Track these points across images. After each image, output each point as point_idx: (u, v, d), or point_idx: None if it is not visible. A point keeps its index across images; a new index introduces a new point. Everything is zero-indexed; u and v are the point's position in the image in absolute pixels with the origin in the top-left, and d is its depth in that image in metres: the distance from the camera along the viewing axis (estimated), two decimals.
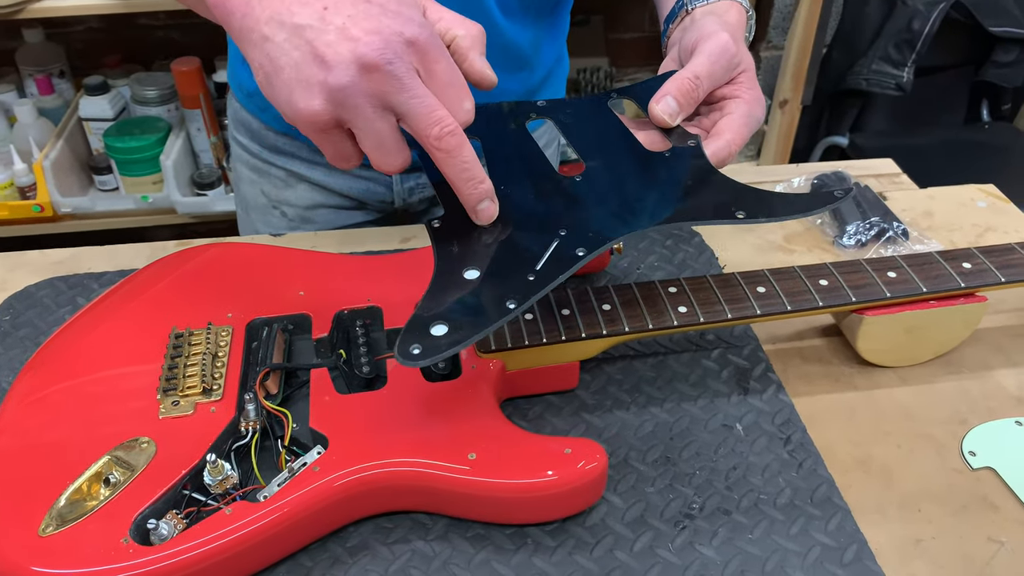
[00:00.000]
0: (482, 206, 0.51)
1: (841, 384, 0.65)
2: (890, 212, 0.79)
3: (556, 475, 0.51)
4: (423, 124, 0.46)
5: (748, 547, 0.53)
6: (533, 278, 0.48)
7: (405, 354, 0.44)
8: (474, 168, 0.49)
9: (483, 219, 0.51)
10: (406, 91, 0.45)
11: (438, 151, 0.47)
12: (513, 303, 0.47)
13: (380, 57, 0.44)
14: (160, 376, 0.56)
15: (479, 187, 0.49)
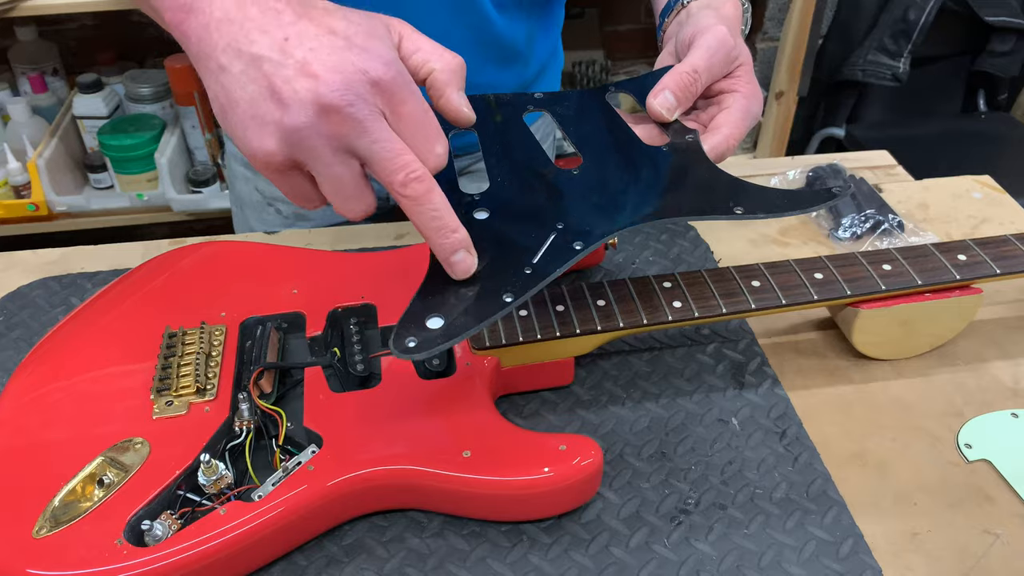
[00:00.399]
0: (456, 258, 0.46)
1: (837, 378, 0.64)
2: (886, 204, 0.79)
3: (551, 472, 0.51)
4: (386, 170, 0.44)
5: (744, 542, 0.53)
6: (530, 271, 0.48)
7: (400, 347, 0.44)
8: (445, 216, 0.45)
9: (459, 272, 0.47)
10: (367, 135, 0.43)
11: (404, 198, 0.44)
12: (510, 296, 0.47)
13: (340, 99, 0.42)
14: (154, 376, 0.56)
15: (451, 236, 0.46)
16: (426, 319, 0.45)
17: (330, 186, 0.45)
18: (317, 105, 0.42)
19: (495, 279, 0.48)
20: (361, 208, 0.46)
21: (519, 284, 0.47)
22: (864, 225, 0.76)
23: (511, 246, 0.50)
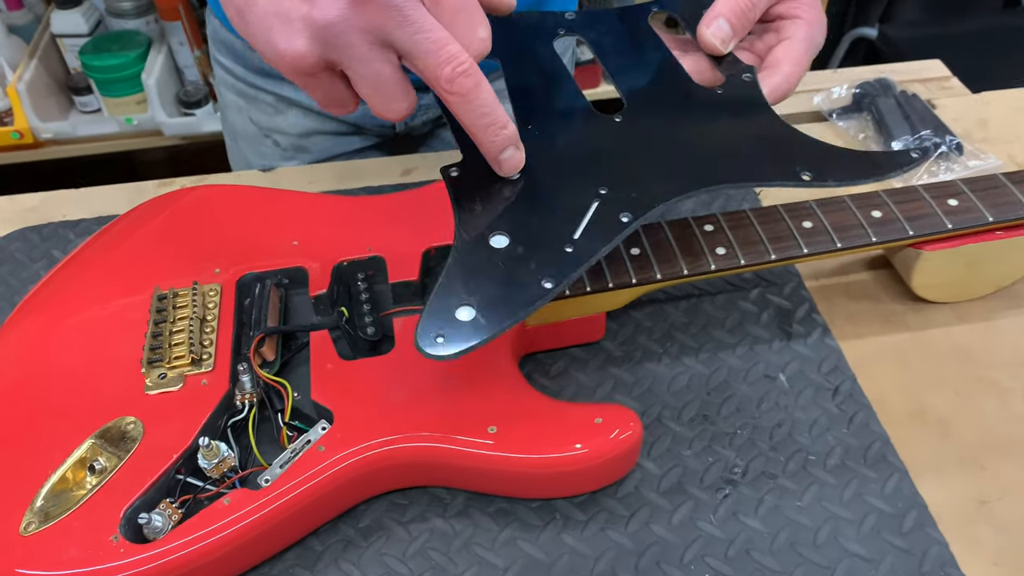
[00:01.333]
0: (506, 155, 0.43)
1: (892, 324, 0.59)
2: (942, 124, 0.71)
3: (586, 448, 0.46)
4: (431, 64, 0.39)
5: (797, 516, 0.48)
6: (571, 249, 0.42)
7: (428, 343, 0.39)
8: (495, 111, 0.41)
9: (507, 170, 0.44)
10: (408, 24, 0.38)
11: (451, 95, 0.40)
12: (550, 281, 0.41)
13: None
14: (144, 346, 0.51)
15: (501, 133, 0.42)
16: (455, 309, 0.40)
17: (368, 86, 0.41)
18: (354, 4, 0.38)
19: (530, 258, 0.42)
20: (404, 107, 0.42)
21: (558, 266, 0.41)
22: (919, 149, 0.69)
23: (547, 216, 0.43)
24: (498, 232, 0.42)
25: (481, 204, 0.44)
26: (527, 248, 0.42)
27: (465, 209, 0.43)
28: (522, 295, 0.40)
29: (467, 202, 0.44)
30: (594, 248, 0.42)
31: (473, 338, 0.39)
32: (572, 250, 0.42)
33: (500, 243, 0.42)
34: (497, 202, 0.44)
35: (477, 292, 0.40)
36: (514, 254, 0.41)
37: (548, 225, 0.42)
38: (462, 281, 0.40)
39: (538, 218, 0.43)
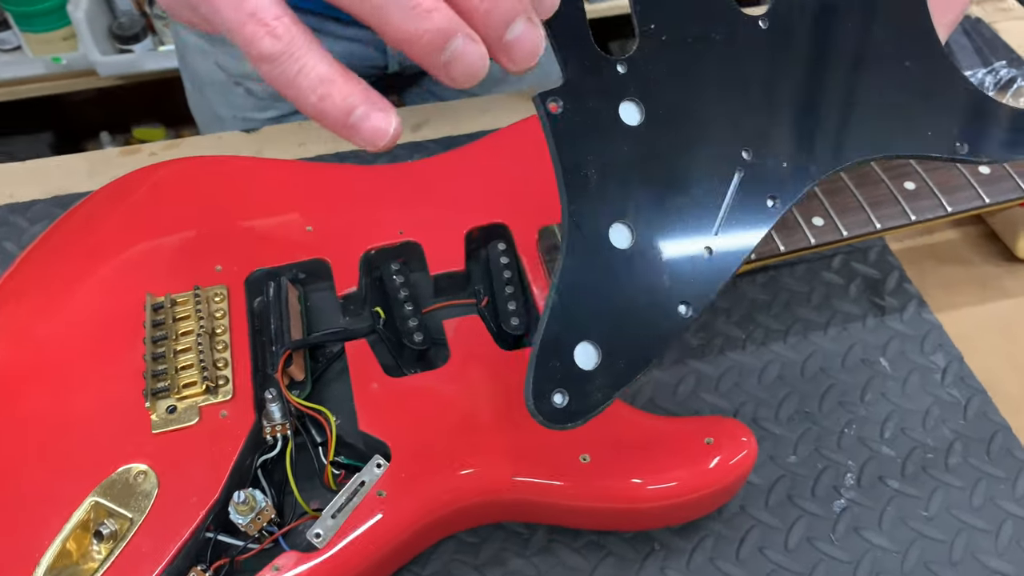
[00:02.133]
0: (514, 32, 0.27)
1: (990, 290, 0.53)
2: (1016, 54, 0.64)
3: (698, 477, 0.39)
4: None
5: (926, 528, 0.42)
6: (710, 252, 0.31)
7: (545, 410, 0.29)
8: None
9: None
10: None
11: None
12: (686, 307, 0.31)
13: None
14: (144, 372, 0.42)
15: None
16: (573, 349, 0.30)
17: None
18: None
19: (662, 268, 0.31)
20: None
21: (698, 282, 0.31)
22: (994, 84, 0.62)
23: (677, 193, 0.31)
24: (620, 221, 0.30)
25: (597, 169, 0.30)
26: (655, 248, 0.31)
27: (575, 176, 0.30)
28: (655, 327, 0.30)
29: (577, 162, 0.30)
30: (738, 248, 0.32)
31: (600, 395, 0.30)
32: (712, 254, 0.31)
33: (622, 240, 0.30)
34: (615, 164, 0.30)
35: (597, 324, 0.30)
36: (641, 259, 0.30)
37: (680, 209, 0.31)
38: (577, 301, 0.30)
39: (667, 197, 0.31)
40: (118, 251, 0.47)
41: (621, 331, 0.30)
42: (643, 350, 0.30)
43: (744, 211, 0.32)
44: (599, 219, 0.30)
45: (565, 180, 0.30)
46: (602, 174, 0.30)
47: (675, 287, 0.31)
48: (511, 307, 0.45)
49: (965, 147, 0.37)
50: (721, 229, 0.32)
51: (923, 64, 0.37)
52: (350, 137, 0.27)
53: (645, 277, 0.31)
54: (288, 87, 0.26)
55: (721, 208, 0.32)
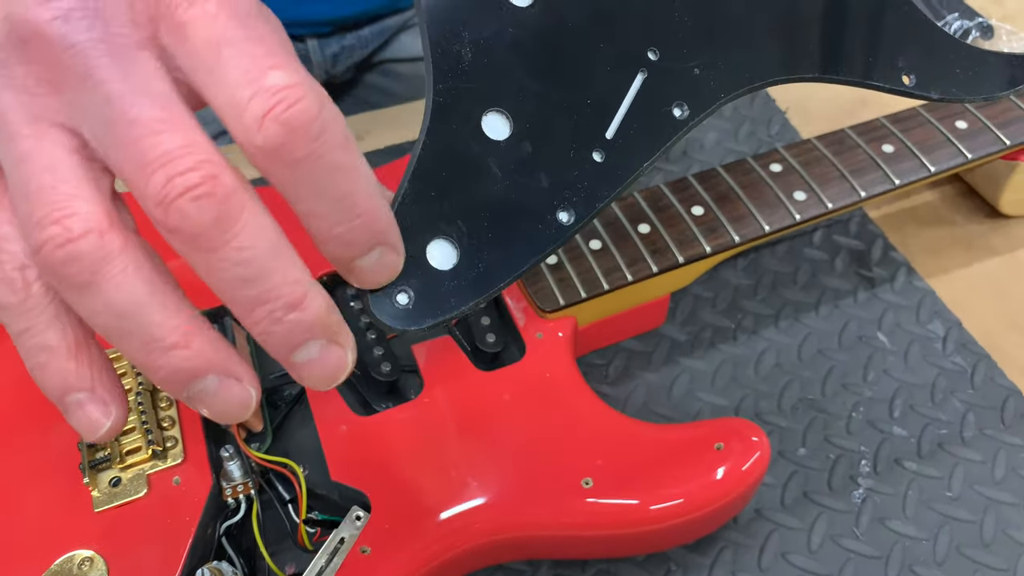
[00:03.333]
0: (300, 356, 0.23)
1: (977, 249, 0.50)
2: (967, 5, 0.62)
3: (714, 487, 0.35)
4: (131, 170, 0.20)
5: (952, 510, 0.40)
6: (601, 157, 0.28)
7: (384, 309, 0.25)
8: (268, 266, 0.22)
9: (315, 381, 0.24)
10: (91, 77, 0.21)
11: (172, 235, 0.21)
12: (568, 212, 0.27)
13: (43, 12, 0.21)
14: (79, 442, 0.37)
15: (286, 320, 0.22)
16: (427, 244, 0.25)
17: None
18: (11, 32, 0.21)
19: (540, 168, 0.27)
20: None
21: (582, 186, 0.27)
22: None
23: (569, 90, 0.28)
24: (495, 109, 0.27)
25: (472, 47, 0.26)
26: (537, 145, 0.27)
27: (445, 51, 0.26)
28: (526, 232, 0.26)
29: (449, 35, 0.26)
30: (634, 158, 0.28)
31: (455, 300, 0.25)
32: (603, 159, 0.28)
33: (498, 130, 0.27)
34: (495, 46, 0.27)
35: (459, 216, 0.26)
36: (517, 155, 0.27)
37: (569, 108, 0.27)
38: (437, 192, 0.26)
39: (555, 91, 0.27)
40: None
41: (486, 232, 0.26)
42: (512, 257, 0.26)
43: (647, 116, 0.28)
44: (471, 104, 0.26)
45: (432, 55, 0.26)
46: (479, 54, 0.27)
47: (555, 190, 0.27)
48: (484, 322, 0.41)
49: (912, 79, 0.34)
50: (618, 133, 0.28)
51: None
52: (66, 418, 0.23)
53: (520, 175, 0.27)
54: (13, 340, 0.23)
55: (619, 112, 0.28)
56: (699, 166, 0.54)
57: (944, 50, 0.35)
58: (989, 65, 0.36)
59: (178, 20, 0.21)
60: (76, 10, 0.21)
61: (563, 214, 0.27)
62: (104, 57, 0.20)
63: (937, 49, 0.35)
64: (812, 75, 0.32)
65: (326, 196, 0.22)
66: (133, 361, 0.22)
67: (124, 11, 0.21)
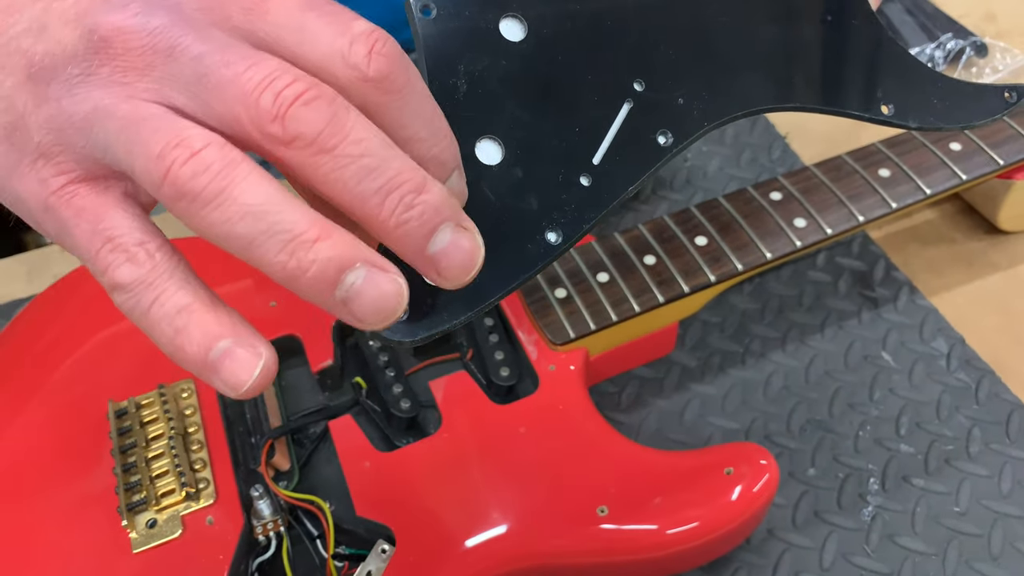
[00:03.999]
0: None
1: (978, 266, 0.51)
2: (960, 25, 0.64)
3: (725, 511, 0.37)
4: (248, 111, 0.21)
5: (960, 524, 0.41)
6: (588, 182, 0.29)
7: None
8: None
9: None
10: (188, 53, 0.22)
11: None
12: (556, 232, 0.28)
13: (122, 13, 0.22)
14: (116, 486, 0.38)
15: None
16: None
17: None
18: (89, 39, 0.22)
19: (531, 191, 0.28)
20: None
21: (570, 208, 0.29)
22: (943, 57, 0.61)
23: (558, 118, 0.29)
24: (488, 137, 0.28)
25: (467, 79, 0.28)
26: (528, 170, 0.28)
27: (442, 83, 0.28)
28: (517, 251, 0.28)
29: (445, 69, 0.28)
30: (620, 182, 0.29)
31: (448, 314, 0.26)
32: (590, 183, 0.29)
33: (491, 156, 0.28)
34: (488, 78, 0.28)
35: None
36: (508, 179, 0.28)
37: (558, 135, 0.29)
38: None
39: (545, 119, 0.29)
40: (70, 359, 0.43)
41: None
42: (503, 274, 0.27)
43: (632, 144, 0.30)
44: (465, 131, 0.28)
45: (429, 87, 0.27)
46: (473, 86, 0.28)
47: (544, 212, 0.28)
48: (498, 356, 0.43)
49: (891, 108, 0.35)
50: (604, 159, 0.29)
51: (847, 20, 0.36)
52: (209, 379, 0.22)
53: (511, 198, 0.28)
54: (142, 319, 0.22)
55: (605, 139, 0.30)
56: (703, 193, 0.55)
57: (921, 81, 0.37)
58: (966, 95, 0.37)
59: (252, 1, 0.23)
60: (152, 5, 0.22)
61: (552, 234, 0.28)
62: (185, 30, 0.22)
63: (914, 80, 0.37)
64: (793, 105, 0.34)
65: (423, 117, 0.23)
66: (278, 268, 0.21)
67: (194, 2, 0.23)
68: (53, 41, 0.23)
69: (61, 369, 0.43)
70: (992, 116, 0.37)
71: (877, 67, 0.36)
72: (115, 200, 0.23)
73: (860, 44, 0.36)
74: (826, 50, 0.35)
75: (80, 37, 0.23)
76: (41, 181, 0.23)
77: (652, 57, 0.31)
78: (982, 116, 0.37)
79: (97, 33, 0.22)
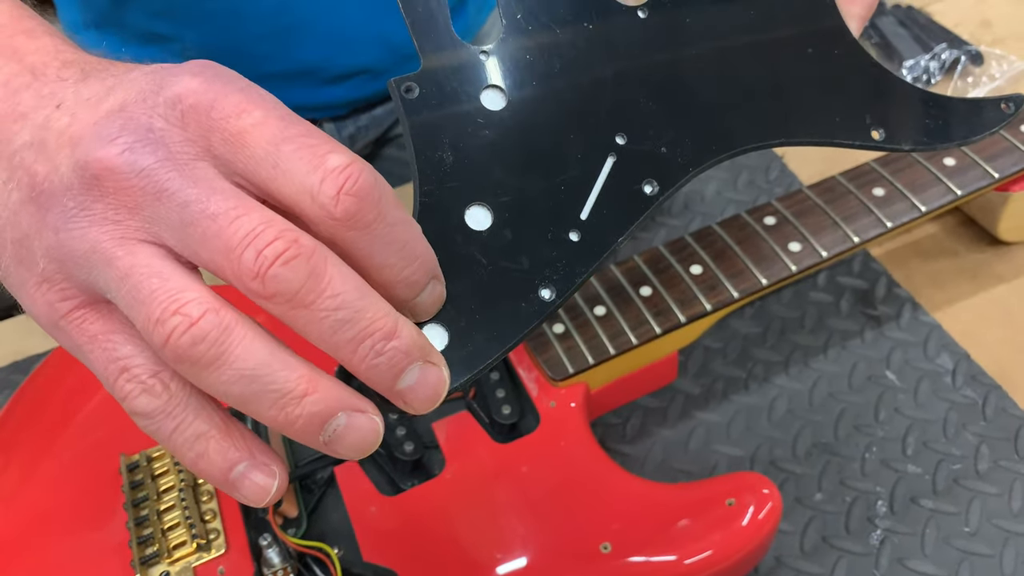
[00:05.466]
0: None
1: (982, 278, 0.51)
2: (954, 35, 0.64)
3: (727, 543, 0.37)
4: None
5: (971, 545, 0.40)
6: (577, 237, 0.30)
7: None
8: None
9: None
10: (175, 196, 0.23)
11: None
12: (549, 289, 0.29)
13: (113, 150, 0.24)
14: (129, 540, 0.39)
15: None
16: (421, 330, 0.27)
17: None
18: (82, 174, 0.24)
19: (521, 252, 0.29)
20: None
21: (561, 264, 0.29)
22: (938, 68, 0.61)
23: (542, 178, 0.30)
24: (477, 203, 0.29)
25: (453, 151, 0.29)
26: (517, 231, 0.29)
27: (428, 158, 0.29)
28: (511, 311, 0.28)
29: (431, 143, 0.29)
30: (609, 235, 0.30)
31: (452, 378, 0.27)
32: (579, 238, 0.30)
33: (480, 221, 0.29)
34: (473, 147, 0.29)
35: (448, 304, 0.28)
36: (499, 242, 0.29)
37: (545, 195, 0.30)
38: None
39: (530, 181, 0.30)
40: (83, 413, 0.45)
41: (475, 313, 0.28)
42: (499, 335, 0.28)
43: (618, 196, 0.30)
44: (454, 200, 0.29)
45: (417, 162, 0.29)
46: (459, 156, 0.29)
47: (536, 270, 0.29)
48: (500, 395, 0.43)
49: (881, 133, 0.35)
50: (592, 214, 0.30)
51: (828, 51, 0.36)
52: (232, 494, 0.25)
53: (503, 259, 0.29)
54: (165, 442, 0.24)
55: (591, 194, 0.30)
56: (700, 218, 0.55)
57: (912, 102, 0.37)
58: (958, 112, 0.37)
59: (232, 131, 0.24)
60: (138, 142, 0.24)
61: (545, 291, 0.29)
62: (171, 172, 0.23)
63: (904, 102, 0.37)
64: (779, 141, 0.34)
65: (393, 247, 0.24)
66: (269, 421, 0.23)
67: (179, 134, 0.24)
68: (51, 166, 0.24)
69: (75, 424, 0.44)
70: (990, 129, 0.37)
71: (863, 94, 0.36)
72: (121, 325, 0.25)
73: (843, 73, 0.36)
74: (808, 83, 0.35)
75: (73, 170, 0.24)
76: (49, 304, 0.25)
77: (632, 111, 0.32)
78: (981, 130, 0.37)
79: (89, 170, 0.23)
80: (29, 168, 0.25)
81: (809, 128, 0.34)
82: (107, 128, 0.24)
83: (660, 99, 0.32)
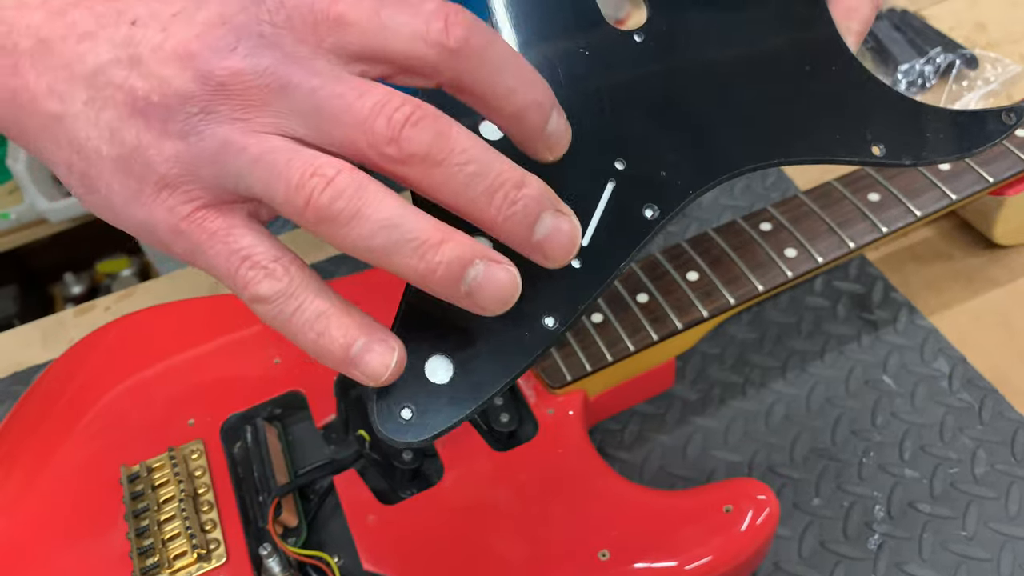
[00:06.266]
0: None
1: (977, 282, 0.51)
2: (948, 38, 0.64)
3: (725, 549, 0.37)
4: (359, 129, 0.24)
5: (969, 549, 0.40)
6: (579, 264, 0.29)
7: (390, 421, 0.27)
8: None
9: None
10: (299, 88, 0.24)
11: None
12: (553, 317, 0.29)
13: (232, 57, 0.24)
14: (129, 551, 0.39)
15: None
16: (424, 361, 0.27)
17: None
18: (204, 84, 0.25)
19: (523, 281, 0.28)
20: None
21: (564, 293, 0.29)
22: (933, 72, 0.62)
23: None
24: (478, 233, 0.28)
25: None
26: (518, 261, 0.28)
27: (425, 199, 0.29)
28: (515, 340, 0.28)
29: None
30: (610, 261, 0.30)
31: (454, 410, 0.27)
32: (581, 265, 0.29)
33: None
34: None
35: (452, 335, 0.28)
36: None
37: None
38: (431, 315, 0.28)
39: None
40: (83, 426, 0.45)
41: (478, 344, 0.28)
42: (504, 364, 0.28)
43: (619, 221, 0.30)
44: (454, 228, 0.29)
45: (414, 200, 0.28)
46: None
47: (539, 299, 0.29)
48: (498, 402, 0.43)
49: (882, 148, 0.35)
50: (593, 240, 0.30)
51: (826, 68, 0.36)
52: (352, 373, 0.26)
53: None
54: (285, 326, 0.25)
55: (592, 221, 0.30)
56: (698, 224, 0.56)
57: (912, 116, 0.37)
58: (959, 125, 0.37)
59: (335, 17, 0.25)
60: (256, 47, 0.25)
61: (548, 319, 0.29)
62: (292, 66, 0.24)
63: (904, 117, 0.36)
64: (779, 160, 0.34)
65: (511, 70, 0.25)
66: (411, 271, 0.24)
67: (288, 36, 0.25)
68: (155, 80, 0.25)
69: (75, 435, 0.44)
70: (992, 141, 0.37)
71: (863, 110, 0.36)
72: (242, 220, 0.26)
73: (842, 90, 0.36)
74: (807, 102, 0.35)
75: (193, 80, 0.25)
76: (169, 209, 0.25)
77: (630, 136, 0.32)
78: (983, 142, 0.37)
79: (214, 78, 0.24)
80: (123, 85, 0.25)
81: (809, 146, 0.34)
82: (221, 40, 0.24)
83: (658, 123, 0.32)
